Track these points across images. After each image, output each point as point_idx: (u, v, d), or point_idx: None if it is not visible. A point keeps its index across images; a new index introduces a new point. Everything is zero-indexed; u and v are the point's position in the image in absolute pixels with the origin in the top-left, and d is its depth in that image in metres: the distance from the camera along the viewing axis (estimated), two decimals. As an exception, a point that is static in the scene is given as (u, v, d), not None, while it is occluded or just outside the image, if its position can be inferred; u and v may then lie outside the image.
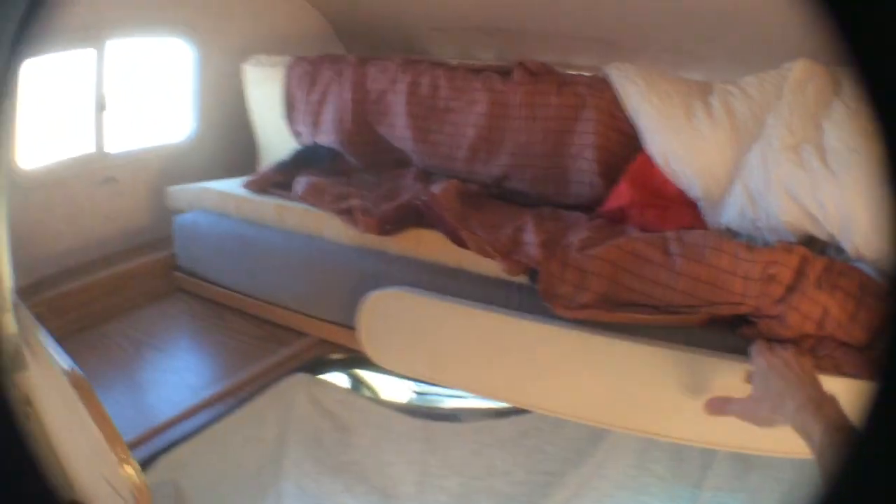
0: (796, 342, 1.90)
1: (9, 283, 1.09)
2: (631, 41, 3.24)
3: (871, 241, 2.07)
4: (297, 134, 3.07)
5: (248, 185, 2.74)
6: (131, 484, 1.53)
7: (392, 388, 3.00)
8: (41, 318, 1.58)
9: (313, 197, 2.51)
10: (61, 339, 1.54)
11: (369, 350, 2.27)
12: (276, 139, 3.17)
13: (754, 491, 2.53)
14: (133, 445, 1.89)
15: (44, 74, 2.48)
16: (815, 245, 2.24)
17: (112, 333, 2.52)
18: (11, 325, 1.09)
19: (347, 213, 2.37)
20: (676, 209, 2.47)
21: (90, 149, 2.71)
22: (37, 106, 2.47)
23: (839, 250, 2.20)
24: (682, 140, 2.42)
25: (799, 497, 2.51)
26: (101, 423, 1.49)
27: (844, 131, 2.18)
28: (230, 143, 3.28)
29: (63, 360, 1.51)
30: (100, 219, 2.82)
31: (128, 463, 1.52)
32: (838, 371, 1.87)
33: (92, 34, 2.57)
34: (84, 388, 1.49)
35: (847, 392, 1.85)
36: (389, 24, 3.56)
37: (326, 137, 2.91)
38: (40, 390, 1.39)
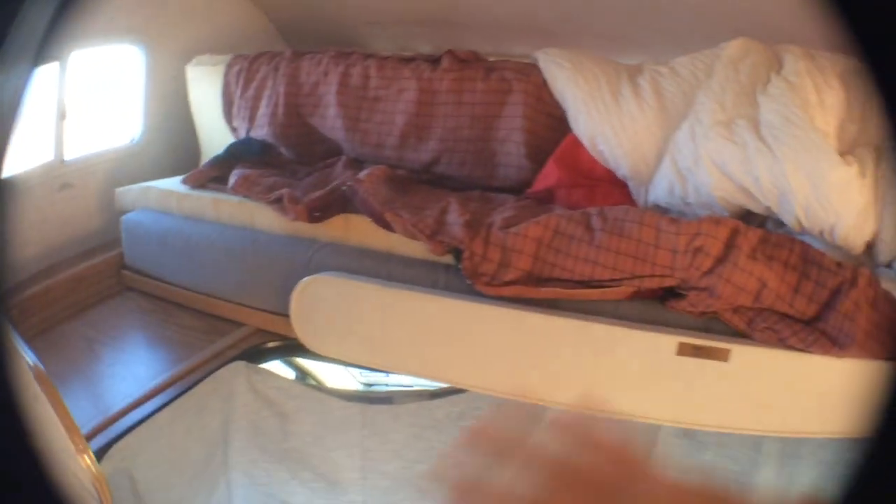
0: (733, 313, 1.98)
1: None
2: (566, 29, 3.31)
3: (813, 213, 2.15)
4: (234, 130, 3.13)
5: (186, 181, 2.78)
6: (90, 474, 1.61)
7: (332, 375, 3.04)
8: (14, 323, 1.63)
9: (245, 188, 2.55)
10: (28, 341, 1.64)
11: (302, 336, 2.32)
12: (217, 137, 3.21)
13: (706, 470, 2.56)
14: (89, 437, 1.96)
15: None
16: (753, 220, 2.32)
17: (68, 333, 2.59)
18: None
19: (278, 203, 2.43)
20: (604, 189, 2.54)
21: (49, 157, 2.77)
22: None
23: (779, 224, 2.28)
24: (609, 121, 2.49)
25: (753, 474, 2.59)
26: (61, 416, 1.56)
27: (781, 105, 2.25)
28: (176, 144, 3.34)
29: (29, 357, 1.59)
30: (59, 224, 2.87)
31: (85, 453, 1.60)
32: (783, 345, 1.94)
33: (58, 48, 2.61)
34: (46, 383, 1.56)
35: (789, 362, 1.96)
36: (329, 20, 3.62)
37: (261, 131, 2.96)
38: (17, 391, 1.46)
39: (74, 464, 1.62)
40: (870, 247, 2.25)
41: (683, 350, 1.99)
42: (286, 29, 3.77)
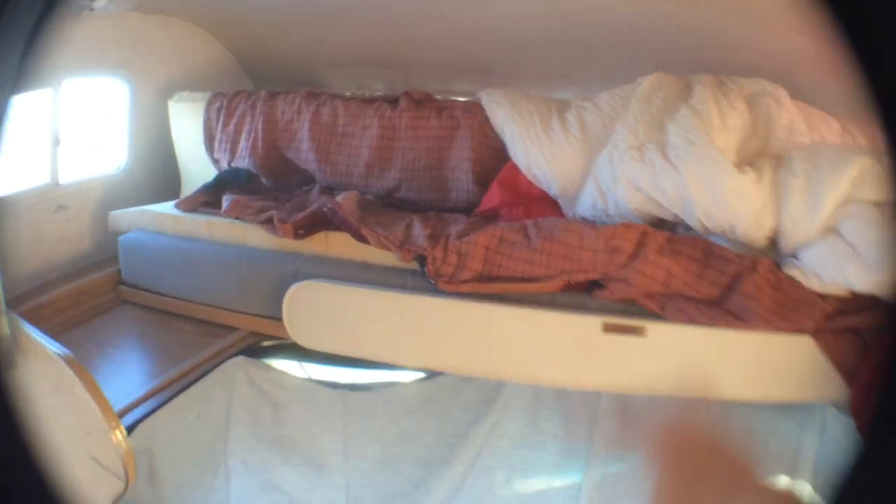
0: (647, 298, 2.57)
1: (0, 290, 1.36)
2: (505, 68, 3.93)
3: (713, 216, 2.70)
4: (215, 161, 3.64)
5: (179, 205, 3.29)
6: (120, 448, 2.06)
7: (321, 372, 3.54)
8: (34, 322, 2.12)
9: (238, 211, 3.08)
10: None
11: (293, 333, 2.84)
12: (196, 167, 3.73)
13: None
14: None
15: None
16: (665, 226, 2.89)
17: (74, 340, 2.91)
18: (5, 328, 1.31)
19: (268, 223, 2.96)
20: (539, 206, 3.12)
21: (45, 179, 3.21)
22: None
23: (688, 228, 2.85)
24: (541, 150, 3.08)
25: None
26: (95, 396, 2.03)
27: (685, 129, 2.79)
28: (158, 172, 3.82)
29: (58, 349, 2.03)
30: (54, 243, 3.31)
31: (118, 429, 2.07)
32: (691, 321, 2.53)
33: (51, 75, 3.08)
34: (79, 368, 2.03)
35: (700, 336, 2.55)
36: (292, 61, 4.19)
37: (243, 162, 3.49)
38: (31, 387, 1.93)
39: (100, 444, 2.09)
40: (774, 241, 2.75)
41: (608, 328, 2.58)
42: (253, 69, 4.32)
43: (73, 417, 2.06)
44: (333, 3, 3.58)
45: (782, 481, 2.92)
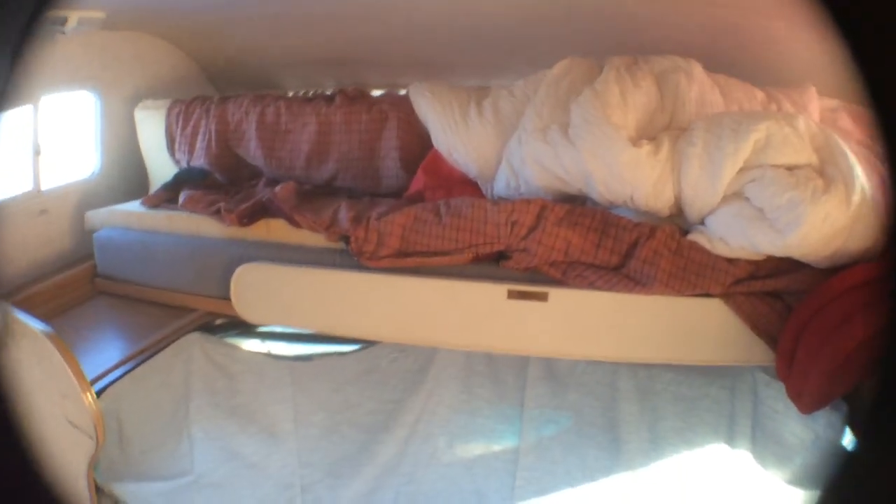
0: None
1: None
2: (445, 61, 4.41)
3: (612, 189, 3.06)
4: (177, 161, 4.12)
5: (144, 203, 3.80)
6: (91, 409, 2.54)
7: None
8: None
9: (192, 205, 3.57)
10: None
11: (240, 311, 3.33)
12: (162, 167, 4.20)
13: (574, 408, 3.50)
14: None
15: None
16: (577, 200, 3.28)
17: (56, 325, 3.16)
18: None
19: (217, 214, 3.44)
20: (460, 188, 3.56)
21: (28, 187, 3.67)
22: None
23: (595, 202, 3.22)
24: (459, 137, 3.52)
25: (618, 412, 3.44)
26: (69, 362, 2.52)
27: (583, 108, 3.13)
28: (129, 175, 4.30)
29: (41, 326, 2.56)
30: (39, 244, 3.78)
31: (88, 391, 2.56)
32: (592, 286, 2.94)
33: (30, 93, 3.56)
34: (56, 340, 2.54)
35: (603, 300, 2.94)
36: (250, 65, 4.71)
37: (200, 161, 3.97)
38: (19, 363, 2.42)
39: (74, 406, 2.57)
40: (681, 210, 3.04)
41: (512, 295, 3.02)
42: (214, 75, 4.82)
43: (52, 384, 2.55)
44: (285, 8, 3.99)
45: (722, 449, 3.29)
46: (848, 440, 2.83)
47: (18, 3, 0.94)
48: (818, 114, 3.41)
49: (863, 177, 2.74)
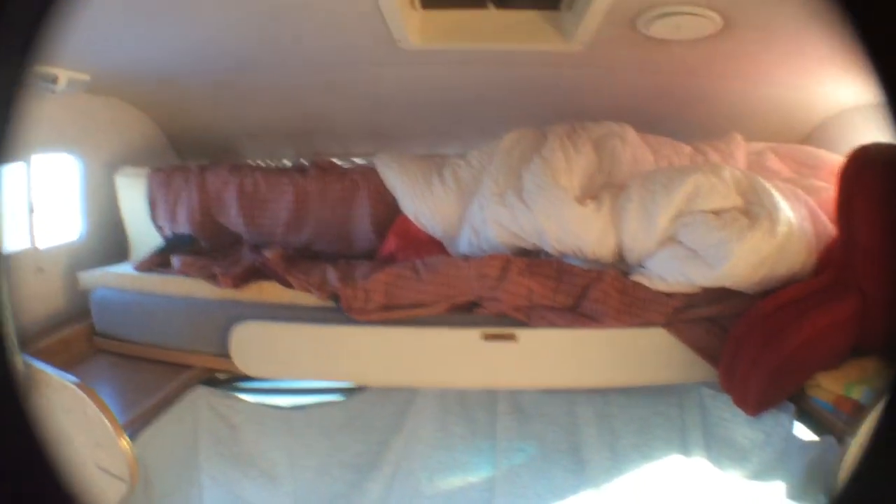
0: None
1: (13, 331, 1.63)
2: (396, 130, 4.92)
3: (563, 242, 3.53)
4: (159, 228, 4.40)
5: (137, 267, 4.09)
6: (127, 455, 2.76)
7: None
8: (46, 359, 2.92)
9: (187, 269, 3.90)
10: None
11: (241, 365, 3.67)
12: (142, 232, 4.46)
13: (539, 437, 3.83)
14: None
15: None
16: (530, 254, 3.73)
17: None
18: (20, 364, 1.50)
19: (212, 277, 3.79)
20: (427, 248, 4.01)
21: (25, 244, 3.82)
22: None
23: (548, 254, 3.70)
24: (425, 203, 3.98)
25: (580, 436, 3.73)
26: (104, 412, 2.77)
27: (535, 175, 3.54)
28: (109, 238, 4.53)
29: (68, 378, 2.79)
30: (36, 301, 3.98)
31: (123, 437, 2.77)
32: (551, 325, 3.34)
33: (22, 151, 3.79)
34: (89, 391, 2.80)
35: (564, 337, 3.40)
36: (214, 134, 5.09)
37: (184, 228, 4.30)
38: (44, 411, 2.70)
39: (107, 453, 2.79)
40: (622, 256, 3.44)
41: (486, 337, 3.46)
42: (179, 143, 5.18)
43: (82, 433, 2.74)
44: (247, 84, 4.42)
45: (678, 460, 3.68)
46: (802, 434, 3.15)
47: (9, 52, 0.93)
48: (745, 158, 3.99)
49: (787, 210, 3.13)
